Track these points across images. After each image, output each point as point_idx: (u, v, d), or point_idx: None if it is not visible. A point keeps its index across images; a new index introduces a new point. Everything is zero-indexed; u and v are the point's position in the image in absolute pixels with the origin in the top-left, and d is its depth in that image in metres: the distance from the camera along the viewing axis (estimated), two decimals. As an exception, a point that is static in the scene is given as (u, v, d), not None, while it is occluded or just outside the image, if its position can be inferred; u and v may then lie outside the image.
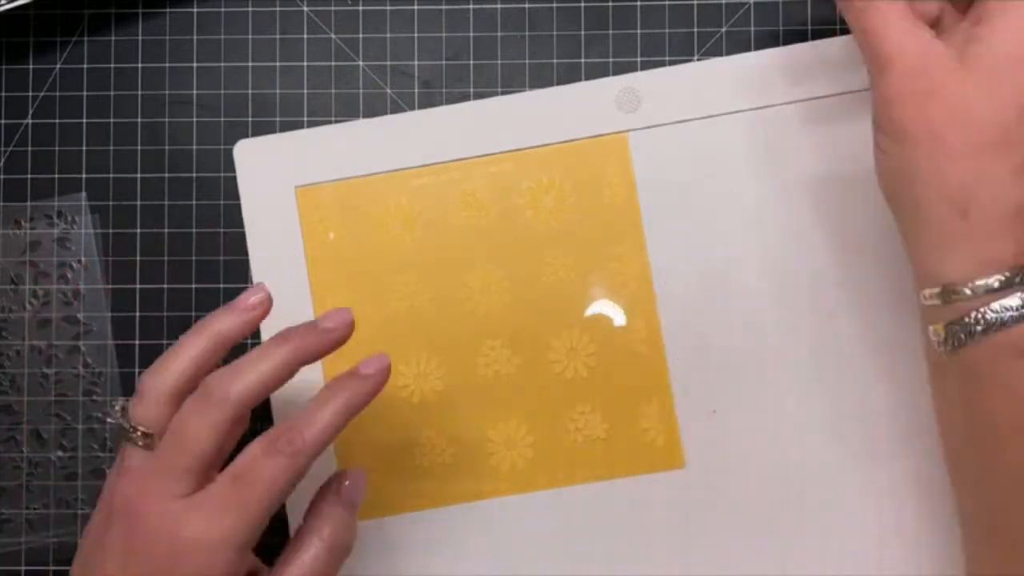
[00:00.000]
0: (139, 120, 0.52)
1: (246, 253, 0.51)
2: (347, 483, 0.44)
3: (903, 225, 0.41)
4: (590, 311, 0.51)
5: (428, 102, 0.52)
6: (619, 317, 0.50)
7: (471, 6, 0.52)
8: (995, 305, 0.38)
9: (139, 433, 0.41)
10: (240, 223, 0.51)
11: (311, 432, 0.40)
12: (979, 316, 0.38)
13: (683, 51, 0.51)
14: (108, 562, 0.39)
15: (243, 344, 0.51)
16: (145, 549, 0.39)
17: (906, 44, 0.39)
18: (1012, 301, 0.37)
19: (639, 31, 0.52)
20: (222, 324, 0.43)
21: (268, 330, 0.51)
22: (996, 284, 0.38)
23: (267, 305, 0.43)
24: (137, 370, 0.51)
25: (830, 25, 0.51)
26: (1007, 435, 0.38)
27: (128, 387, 0.51)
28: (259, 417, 0.51)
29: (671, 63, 0.51)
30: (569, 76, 0.51)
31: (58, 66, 0.52)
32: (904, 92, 0.39)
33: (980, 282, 0.38)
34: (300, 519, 0.49)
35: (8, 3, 0.50)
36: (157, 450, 0.40)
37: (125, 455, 0.41)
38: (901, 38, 0.39)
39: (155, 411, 0.41)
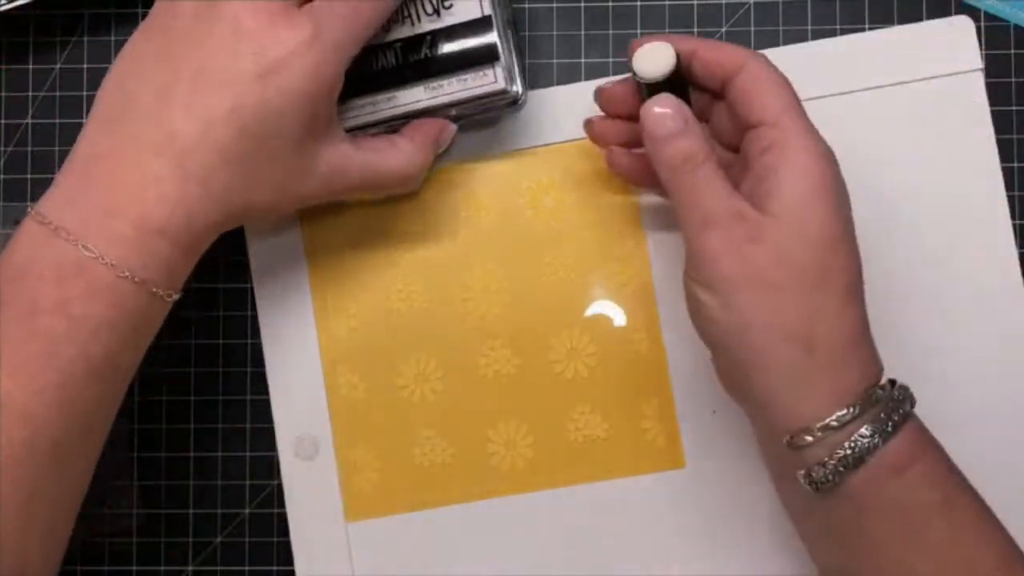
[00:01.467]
0: (139, 120, 0.52)
1: (246, 253, 0.51)
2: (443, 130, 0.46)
3: (739, 378, 0.41)
4: (590, 311, 0.51)
5: (428, 102, 0.52)
6: (619, 317, 0.50)
7: (471, 6, 0.52)
8: (864, 431, 0.39)
9: None
10: (240, 223, 0.51)
11: None
12: (852, 447, 0.39)
13: (683, 51, 0.51)
14: (202, 52, 0.39)
15: (242, 350, 0.51)
16: (257, 44, 0.39)
17: (722, 202, 0.40)
18: (865, 429, 0.39)
19: (639, 31, 0.51)
20: None
21: (268, 334, 0.51)
22: (856, 411, 0.39)
23: None
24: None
25: (830, 25, 0.51)
26: (902, 552, 0.39)
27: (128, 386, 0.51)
28: (263, 417, 0.51)
29: (671, 63, 0.51)
30: (569, 76, 0.51)
31: (58, 66, 0.52)
32: (727, 242, 0.40)
33: (839, 413, 0.39)
34: (301, 526, 0.49)
35: (8, 3, 0.50)
36: None
37: None
38: (717, 197, 0.40)
39: None
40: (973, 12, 0.51)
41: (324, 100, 0.41)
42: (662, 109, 0.41)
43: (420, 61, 0.46)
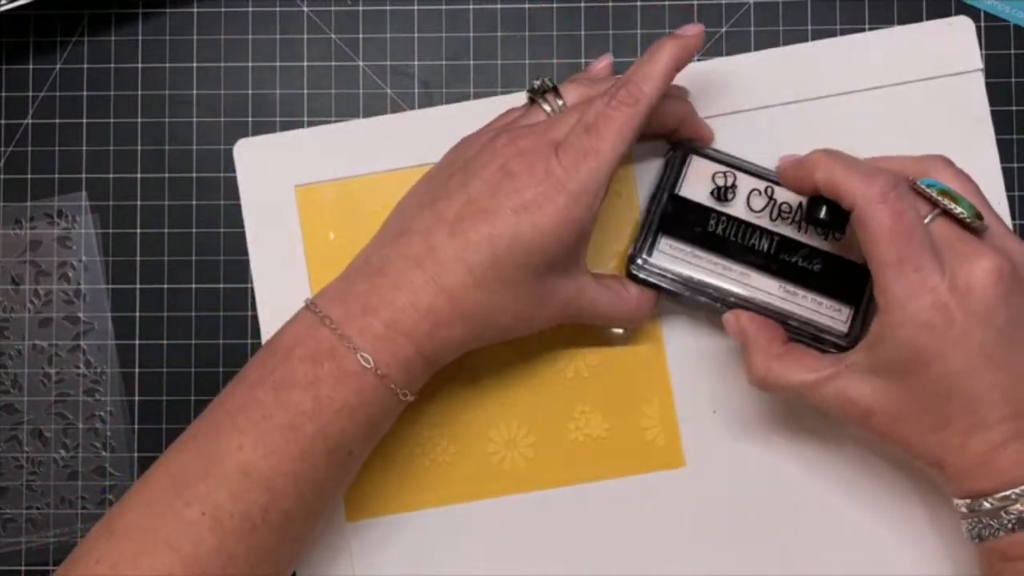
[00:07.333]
0: (139, 120, 0.52)
1: (246, 253, 0.51)
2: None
3: (926, 434, 0.43)
4: (590, 311, 0.50)
5: (428, 102, 0.52)
6: (619, 317, 0.50)
7: (471, 6, 0.52)
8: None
9: (560, 103, 0.46)
10: (240, 223, 0.51)
11: (649, 85, 0.44)
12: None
13: (683, 51, 0.51)
14: (475, 183, 0.44)
15: (243, 350, 0.51)
16: (518, 184, 0.43)
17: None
18: None
19: (639, 31, 0.52)
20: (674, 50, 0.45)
21: (268, 333, 0.51)
22: None
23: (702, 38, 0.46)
24: (137, 370, 0.51)
25: (830, 25, 0.51)
26: None
27: (129, 386, 0.51)
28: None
29: (671, 63, 0.51)
30: (569, 76, 0.51)
31: (58, 66, 0.52)
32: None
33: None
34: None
35: (8, 3, 0.50)
36: (557, 117, 0.45)
37: (530, 114, 0.47)
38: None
39: (578, 94, 0.47)
40: (973, 12, 0.51)
41: (571, 240, 0.44)
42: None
43: (790, 264, 0.48)
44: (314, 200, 0.51)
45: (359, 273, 0.45)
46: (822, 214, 0.45)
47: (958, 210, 0.42)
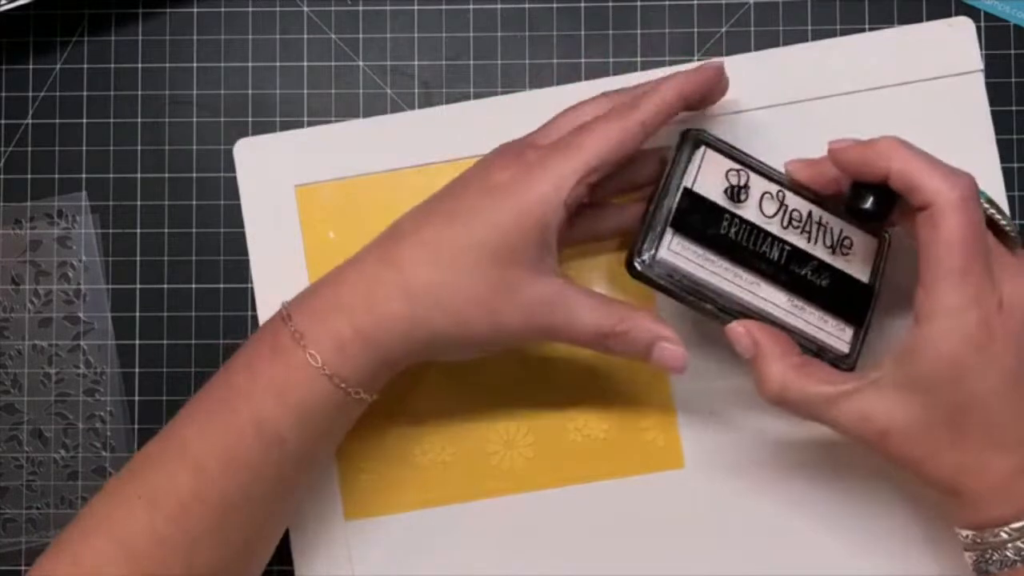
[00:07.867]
0: (139, 120, 0.52)
1: (246, 253, 0.51)
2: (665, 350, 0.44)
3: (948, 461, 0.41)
4: (590, 311, 0.50)
5: (428, 102, 0.52)
6: (619, 317, 0.50)
7: (471, 6, 0.52)
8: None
9: None
10: (240, 223, 0.51)
11: (648, 103, 0.44)
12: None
13: (683, 51, 0.51)
14: (456, 181, 0.45)
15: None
16: (490, 169, 0.44)
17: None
18: None
19: (639, 31, 0.52)
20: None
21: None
22: None
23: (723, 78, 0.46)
24: (137, 370, 0.51)
25: (830, 25, 0.51)
26: None
27: (129, 386, 0.51)
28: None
29: (671, 63, 0.51)
30: (569, 76, 0.51)
31: (58, 66, 0.52)
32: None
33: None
34: (301, 524, 0.49)
35: (8, 3, 0.50)
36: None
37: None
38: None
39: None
40: (973, 12, 0.51)
41: (529, 225, 0.42)
42: None
43: (799, 276, 0.46)
44: (314, 200, 0.51)
45: (330, 276, 0.45)
46: (867, 204, 0.42)
47: (1004, 222, 0.42)
